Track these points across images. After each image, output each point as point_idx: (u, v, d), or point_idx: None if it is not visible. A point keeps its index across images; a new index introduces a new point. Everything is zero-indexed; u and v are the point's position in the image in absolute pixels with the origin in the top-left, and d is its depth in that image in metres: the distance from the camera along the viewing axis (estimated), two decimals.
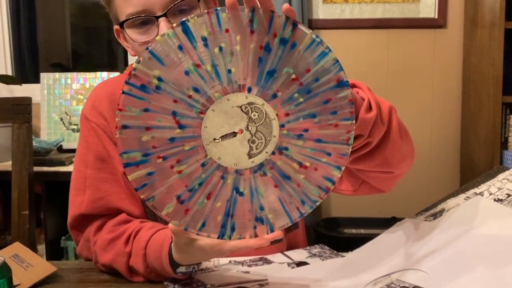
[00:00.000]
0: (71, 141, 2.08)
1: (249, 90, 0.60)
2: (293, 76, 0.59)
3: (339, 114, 0.61)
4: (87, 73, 2.13)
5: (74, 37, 2.87)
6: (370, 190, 0.86)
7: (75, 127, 2.10)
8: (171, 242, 0.75)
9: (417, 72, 2.20)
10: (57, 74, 2.13)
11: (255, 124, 0.61)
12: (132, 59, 2.30)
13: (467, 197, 0.86)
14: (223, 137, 0.61)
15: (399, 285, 0.69)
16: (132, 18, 0.83)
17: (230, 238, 0.64)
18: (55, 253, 1.94)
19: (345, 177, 0.87)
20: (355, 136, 0.64)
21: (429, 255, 0.75)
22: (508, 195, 0.82)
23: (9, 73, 2.39)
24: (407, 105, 2.21)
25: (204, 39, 0.58)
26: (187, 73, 0.59)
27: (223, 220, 0.63)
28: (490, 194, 0.84)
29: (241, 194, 0.62)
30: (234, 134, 0.61)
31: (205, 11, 0.58)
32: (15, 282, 0.75)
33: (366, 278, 0.74)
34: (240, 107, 0.60)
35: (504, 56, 1.80)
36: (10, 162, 1.21)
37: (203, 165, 0.61)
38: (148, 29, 0.84)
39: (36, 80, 2.21)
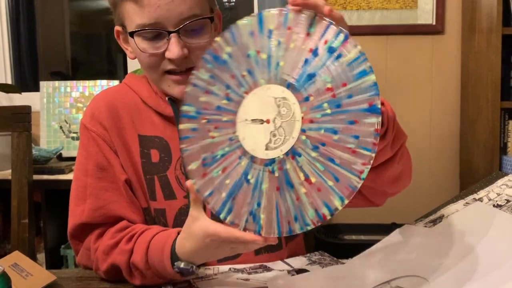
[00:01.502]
0: (71, 149, 2.08)
1: (288, 85, 0.63)
2: (329, 85, 0.60)
3: (361, 141, 0.58)
4: (87, 81, 2.14)
5: (74, 45, 2.88)
6: (363, 202, 0.90)
7: (74, 135, 2.10)
8: (176, 237, 0.77)
9: (415, 78, 2.21)
10: (56, 83, 2.14)
11: (281, 119, 0.63)
12: (131, 67, 2.30)
13: (466, 203, 0.86)
14: (253, 120, 0.65)
15: None
16: (145, 30, 0.84)
17: (225, 219, 0.66)
18: (54, 261, 1.94)
19: None
20: None
21: (429, 261, 0.75)
22: (507, 201, 0.82)
23: (9, 81, 2.39)
24: (406, 111, 2.22)
25: (270, 32, 0.65)
26: (248, 56, 0.66)
27: (225, 199, 0.66)
28: (489, 199, 0.85)
29: (247, 181, 0.65)
30: (262, 121, 0.65)
31: (278, 8, 0.64)
32: None
33: (366, 285, 0.74)
34: (275, 98, 0.64)
35: (502, 62, 1.80)
36: (9, 171, 1.21)
37: (230, 139, 0.67)
38: (157, 42, 0.85)
39: (36, 88, 2.22)
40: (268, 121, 0.64)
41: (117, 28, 0.92)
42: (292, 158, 0.62)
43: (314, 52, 0.61)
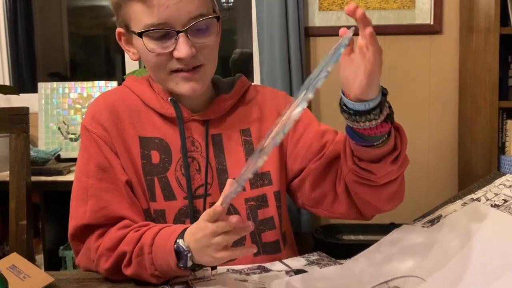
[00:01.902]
0: (69, 151, 2.08)
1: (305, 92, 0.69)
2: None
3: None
4: (85, 82, 2.14)
5: (72, 46, 2.88)
6: (356, 215, 0.95)
7: (73, 136, 2.10)
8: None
9: (413, 78, 2.21)
10: (54, 84, 2.14)
11: (287, 110, 0.70)
12: (130, 68, 2.30)
13: (464, 203, 0.87)
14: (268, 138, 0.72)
15: None
16: (155, 30, 0.85)
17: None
18: (53, 263, 1.93)
19: (343, 199, 0.93)
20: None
21: (427, 261, 0.75)
22: (505, 201, 0.82)
23: (7, 83, 2.39)
24: (404, 111, 2.22)
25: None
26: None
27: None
28: (487, 199, 0.85)
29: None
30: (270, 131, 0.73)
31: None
32: None
33: (364, 285, 0.74)
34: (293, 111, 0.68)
35: (499, 62, 1.80)
36: (7, 172, 1.21)
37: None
38: (165, 41, 0.86)
39: (34, 89, 2.22)
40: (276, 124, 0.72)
41: (119, 30, 0.92)
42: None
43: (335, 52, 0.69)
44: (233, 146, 0.96)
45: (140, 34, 0.86)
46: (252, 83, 1.05)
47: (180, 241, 0.77)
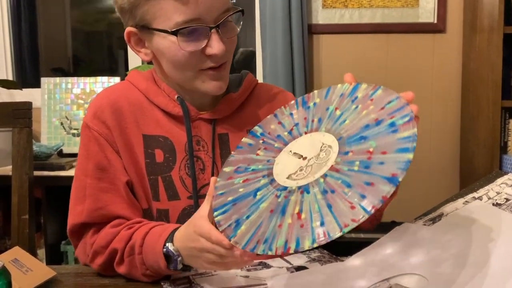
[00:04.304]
0: (72, 146, 2.08)
1: (340, 138, 0.68)
2: (371, 149, 0.63)
3: (364, 201, 0.59)
4: (88, 78, 2.14)
5: (75, 42, 2.88)
6: None
7: (75, 131, 2.10)
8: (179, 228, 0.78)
9: (416, 76, 2.21)
10: (57, 79, 2.14)
11: (315, 161, 0.68)
12: (133, 64, 2.30)
13: (466, 201, 0.87)
14: (295, 153, 0.71)
15: None
16: (189, 27, 0.82)
17: (215, 216, 0.68)
18: (55, 257, 1.94)
19: None
20: None
21: (428, 259, 0.75)
22: (507, 200, 0.82)
23: (10, 77, 2.40)
24: None
25: (356, 98, 0.71)
26: (327, 109, 0.73)
27: (228, 201, 0.70)
28: (489, 198, 0.85)
29: (254, 195, 0.68)
30: (300, 156, 0.70)
31: (374, 84, 0.70)
32: (14, 286, 0.75)
33: (365, 283, 0.74)
34: (323, 144, 0.69)
35: (503, 61, 1.80)
36: (10, 167, 1.21)
37: (268, 160, 0.73)
38: (195, 38, 0.83)
39: (37, 84, 2.22)
40: (305, 158, 0.69)
41: (130, 30, 0.88)
42: (301, 193, 0.64)
43: (378, 122, 0.65)
44: None
45: (175, 32, 0.82)
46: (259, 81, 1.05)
47: (169, 245, 0.77)
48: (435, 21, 2.15)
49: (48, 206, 1.91)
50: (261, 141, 0.77)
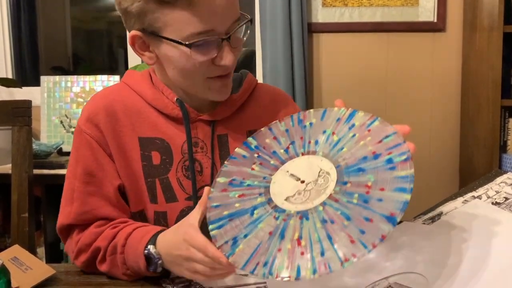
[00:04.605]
0: (71, 144, 2.07)
1: (338, 166, 0.69)
2: (369, 183, 0.65)
3: (364, 237, 0.60)
4: (87, 76, 2.14)
5: (75, 40, 2.88)
6: None
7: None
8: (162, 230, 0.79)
9: (416, 75, 2.21)
10: (57, 77, 2.14)
11: (313, 186, 0.69)
12: (132, 62, 2.30)
13: (465, 200, 0.87)
14: (292, 175, 0.72)
15: None
16: (203, 40, 0.80)
17: (211, 230, 0.69)
18: (54, 256, 1.94)
19: None
20: None
21: (427, 258, 0.75)
22: (506, 199, 0.82)
23: (10, 76, 2.40)
24: (406, 108, 2.22)
25: (353, 125, 0.73)
26: (324, 132, 0.75)
27: (224, 216, 0.70)
28: (488, 197, 0.85)
29: (252, 213, 0.69)
30: (298, 179, 0.71)
31: (371, 114, 0.72)
32: (14, 284, 0.75)
33: (364, 281, 0.74)
34: (321, 170, 0.70)
35: (502, 60, 1.80)
36: (10, 165, 1.21)
37: (264, 177, 0.74)
38: (207, 48, 0.82)
39: (37, 83, 2.22)
40: (303, 182, 0.70)
41: (136, 33, 0.84)
42: (300, 218, 0.65)
43: (376, 156, 0.67)
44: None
45: (189, 46, 0.80)
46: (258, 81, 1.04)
47: (151, 247, 0.77)
48: (435, 20, 2.15)
49: (48, 204, 1.91)
50: (256, 155, 0.77)
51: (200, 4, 0.77)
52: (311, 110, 0.79)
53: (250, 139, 0.80)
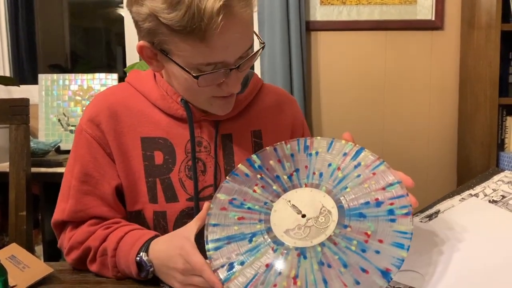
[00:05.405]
0: (69, 142, 2.08)
1: (340, 206, 0.69)
2: (369, 232, 0.65)
3: (359, 287, 0.61)
4: (85, 74, 2.14)
5: (73, 38, 2.87)
6: None
7: (73, 128, 2.10)
8: (156, 236, 0.79)
9: (414, 73, 2.21)
10: (55, 75, 2.14)
11: (314, 223, 0.69)
12: (130, 60, 2.30)
13: (462, 198, 0.87)
14: (294, 206, 0.72)
15: (393, 286, 0.70)
16: (212, 72, 0.78)
17: (208, 250, 0.69)
18: (52, 254, 1.94)
19: None
20: None
21: (424, 256, 0.75)
22: (503, 197, 0.82)
23: (7, 74, 2.39)
24: (404, 106, 2.22)
25: (359, 164, 0.73)
26: (329, 165, 0.75)
27: (222, 237, 0.71)
28: (485, 195, 0.85)
29: (250, 240, 0.69)
30: (300, 212, 0.71)
31: (378, 156, 0.73)
32: (11, 283, 0.75)
33: None
34: (323, 207, 0.70)
35: (500, 58, 1.80)
36: (7, 163, 1.21)
37: (265, 203, 0.74)
38: (215, 76, 0.80)
39: (34, 81, 2.22)
40: (304, 216, 0.70)
41: (144, 44, 0.81)
42: (298, 255, 0.66)
43: (378, 203, 0.68)
44: (243, 147, 0.94)
45: (196, 77, 0.78)
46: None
47: (143, 254, 0.77)
48: (433, 18, 2.16)
49: (46, 202, 1.91)
50: (258, 176, 0.77)
51: (214, 39, 0.74)
52: (318, 138, 0.79)
53: (254, 157, 0.79)
